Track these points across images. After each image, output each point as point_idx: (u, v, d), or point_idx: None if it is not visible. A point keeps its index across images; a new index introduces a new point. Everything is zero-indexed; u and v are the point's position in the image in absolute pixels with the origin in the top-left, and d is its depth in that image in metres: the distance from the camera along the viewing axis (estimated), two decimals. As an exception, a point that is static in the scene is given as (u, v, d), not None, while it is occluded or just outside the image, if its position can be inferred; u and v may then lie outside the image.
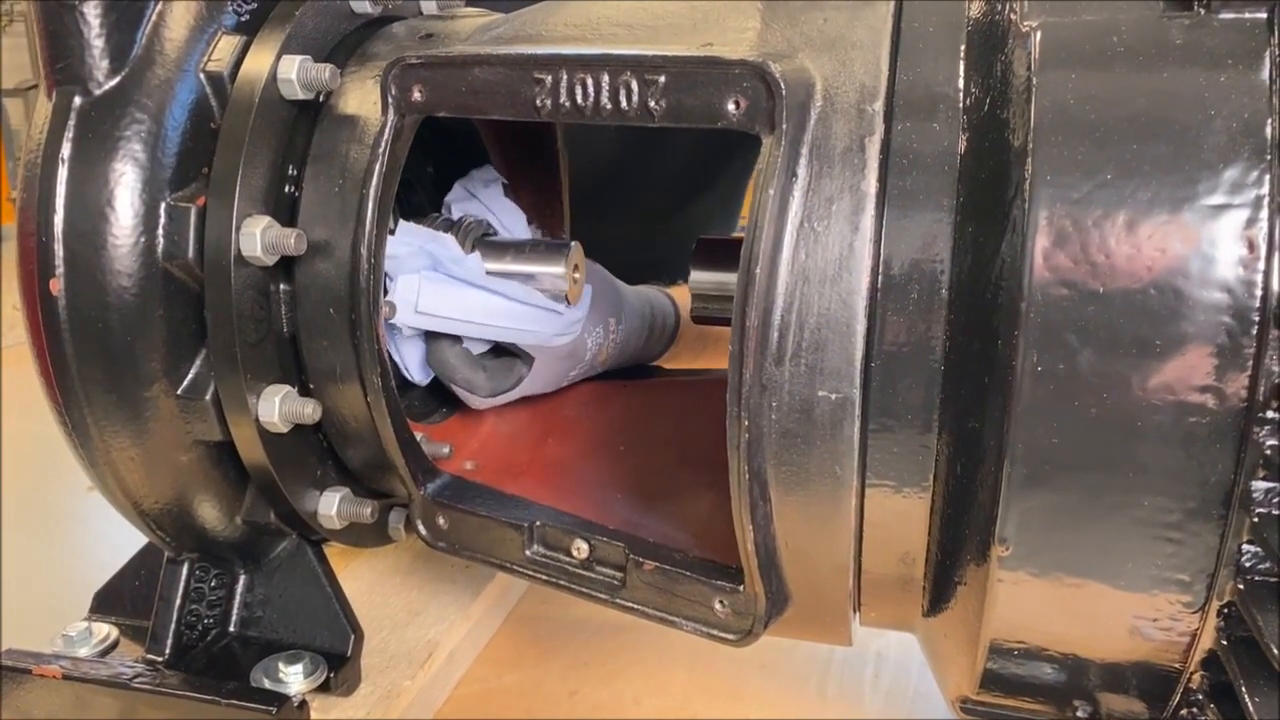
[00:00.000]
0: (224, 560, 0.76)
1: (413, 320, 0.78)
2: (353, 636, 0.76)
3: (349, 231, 0.64)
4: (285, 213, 0.67)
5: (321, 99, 0.68)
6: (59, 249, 0.63)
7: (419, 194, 0.89)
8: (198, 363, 0.67)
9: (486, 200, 0.86)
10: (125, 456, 0.68)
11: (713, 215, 1.64)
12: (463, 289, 0.79)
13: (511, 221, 0.87)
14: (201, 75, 0.66)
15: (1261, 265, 0.43)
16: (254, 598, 0.78)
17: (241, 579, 0.78)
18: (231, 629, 0.77)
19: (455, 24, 0.74)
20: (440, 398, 0.90)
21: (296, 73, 0.65)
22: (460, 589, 0.92)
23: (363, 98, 0.68)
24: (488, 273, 0.82)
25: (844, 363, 0.51)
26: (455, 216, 0.85)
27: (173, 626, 0.74)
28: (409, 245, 0.77)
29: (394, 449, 0.67)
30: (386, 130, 0.62)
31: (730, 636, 0.59)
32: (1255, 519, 0.45)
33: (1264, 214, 0.43)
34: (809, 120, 0.52)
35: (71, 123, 0.63)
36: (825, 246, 0.51)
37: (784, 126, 0.50)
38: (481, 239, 0.84)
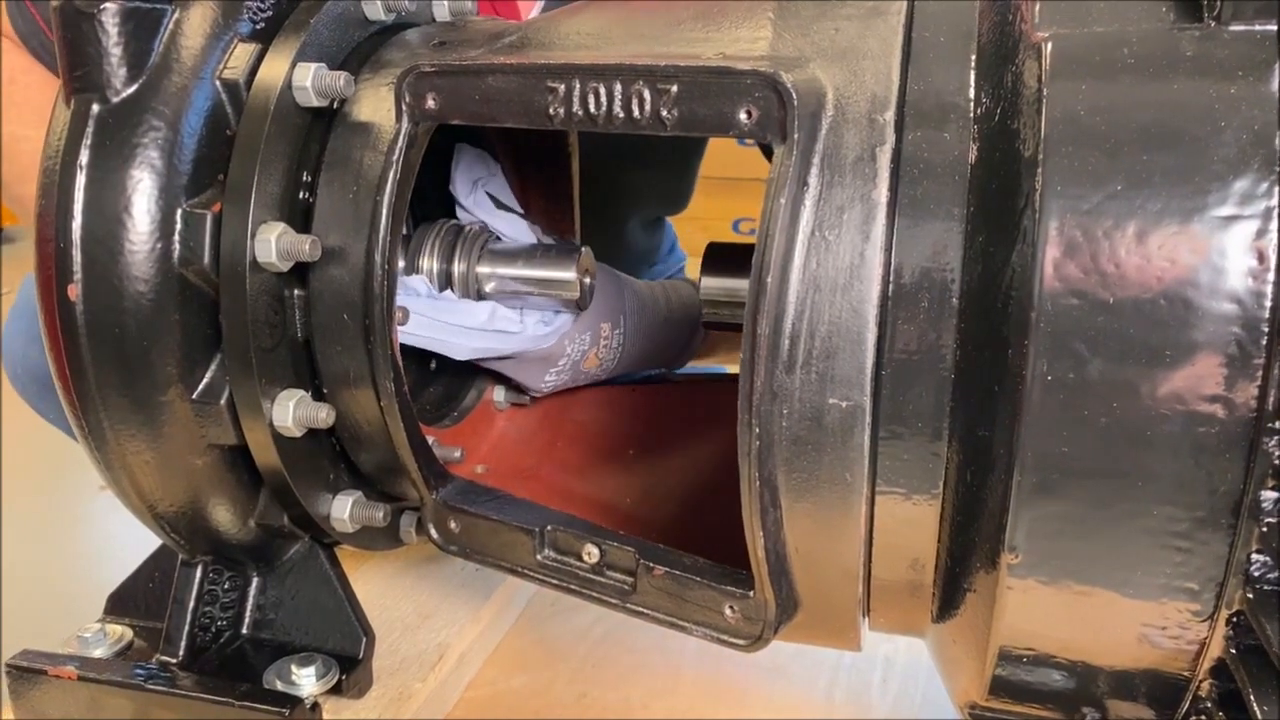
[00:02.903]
0: (237, 563, 0.77)
1: None
2: (364, 639, 0.77)
3: (363, 238, 0.64)
4: (300, 219, 0.67)
5: (336, 106, 0.69)
6: (77, 255, 0.63)
7: (430, 199, 0.90)
8: (212, 368, 0.67)
9: (476, 210, 0.86)
10: (140, 460, 0.68)
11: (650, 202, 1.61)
12: (428, 322, 0.79)
13: (510, 228, 0.87)
14: (218, 83, 0.66)
15: (1271, 276, 0.43)
16: (267, 600, 0.78)
17: (254, 581, 0.78)
18: (244, 631, 0.78)
19: (468, 31, 0.75)
20: (452, 402, 0.91)
21: (311, 80, 0.65)
22: (471, 592, 0.93)
23: (377, 105, 0.68)
24: (495, 277, 0.82)
25: (855, 370, 0.51)
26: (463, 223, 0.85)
27: (186, 628, 0.75)
28: None
29: (406, 453, 0.67)
30: (400, 138, 0.63)
31: (740, 642, 0.59)
32: (1264, 528, 0.45)
33: (1274, 225, 0.43)
34: (820, 130, 0.52)
35: (89, 130, 0.63)
36: (836, 255, 0.51)
37: (795, 136, 0.51)
38: (488, 246, 0.84)
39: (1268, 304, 0.43)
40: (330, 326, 0.67)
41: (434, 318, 0.79)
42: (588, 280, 0.84)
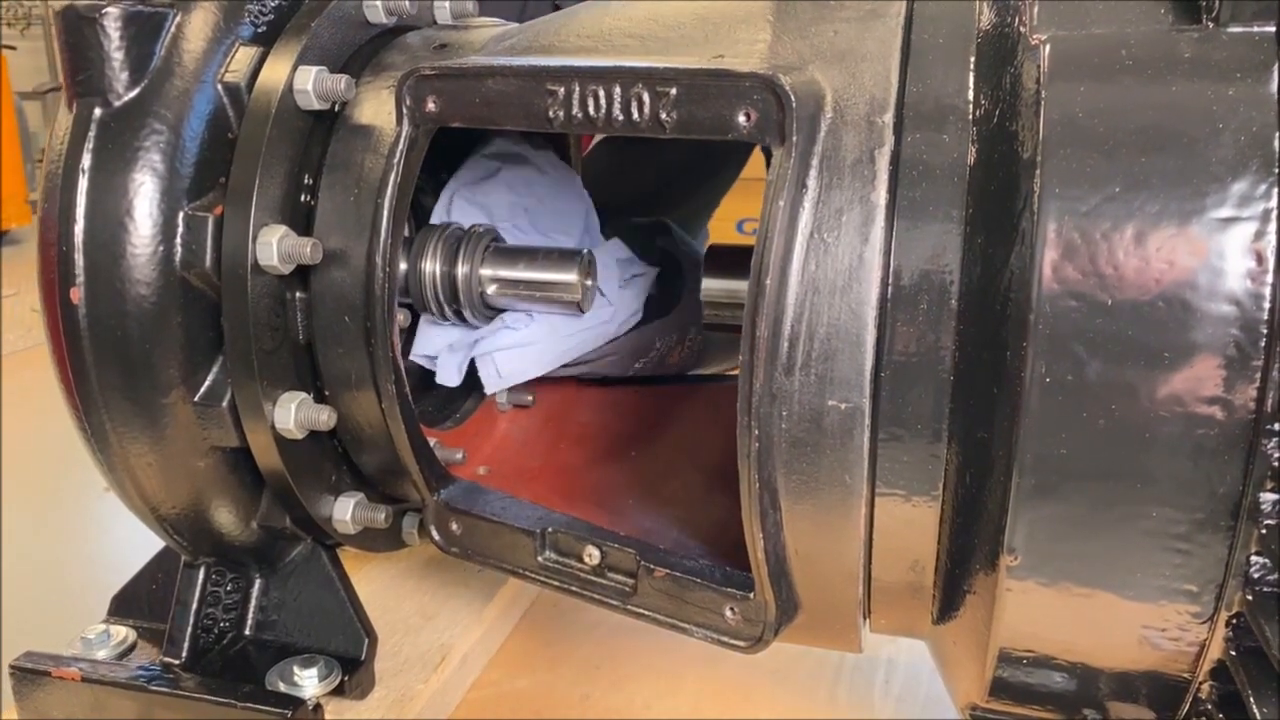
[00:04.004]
0: (240, 564, 0.77)
1: (506, 385, 0.86)
2: (367, 640, 0.77)
3: (364, 240, 0.65)
4: (301, 222, 0.68)
5: (337, 109, 0.69)
6: (79, 258, 0.64)
7: (431, 200, 0.90)
8: (215, 370, 0.68)
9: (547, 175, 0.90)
10: (143, 462, 0.68)
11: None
12: (526, 351, 0.84)
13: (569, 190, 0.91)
14: (219, 86, 0.67)
15: (1269, 278, 0.43)
16: (269, 601, 0.78)
17: (257, 583, 0.78)
18: (247, 632, 0.78)
19: (469, 34, 0.75)
20: (454, 403, 0.91)
21: (312, 84, 0.66)
22: (473, 593, 0.93)
23: (378, 108, 0.68)
24: (498, 279, 0.83)
25: (854, 373, 0.51)
26: (466, 224, 0.85)
27: (189, 630, 0.75)
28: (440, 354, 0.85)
29: (407, 454, 0.67)
30: (401, 141, 0.63)
31: (740, 643, 0.59)
32: (1263, 530, 0.45)
33: (1272, 227, 0.43)
34: (819, 132, 0.52)
35: (92, 134, 0.64)
36: (835, 257, 0.51)
37: (794, 139, 0.51)
38: (492, 246, 0.84)
39: (1266, 305, 0.43)
40: (332, 329, 0.67)
41: (586, 328, 0.86)
42: (589, 283, 0.84)
